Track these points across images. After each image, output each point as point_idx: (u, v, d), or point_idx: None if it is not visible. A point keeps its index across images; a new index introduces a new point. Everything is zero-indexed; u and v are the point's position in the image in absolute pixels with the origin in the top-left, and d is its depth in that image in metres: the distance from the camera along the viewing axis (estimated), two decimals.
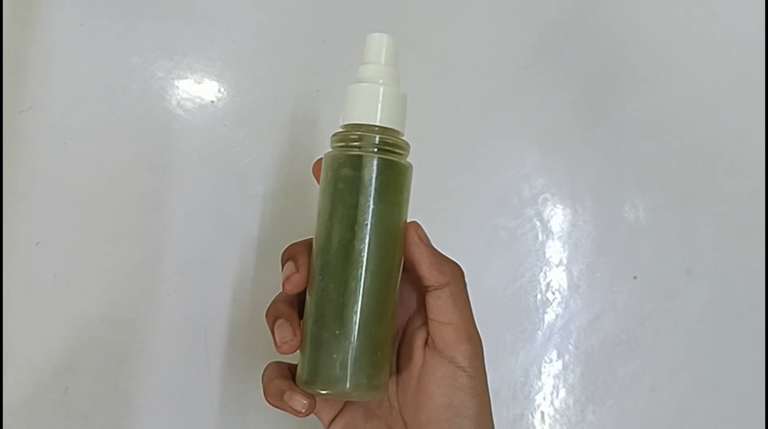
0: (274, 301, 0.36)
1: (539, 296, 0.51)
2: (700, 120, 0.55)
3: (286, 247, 0.37)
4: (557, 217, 0.53)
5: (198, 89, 0.51)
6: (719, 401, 0.51)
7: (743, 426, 0.51)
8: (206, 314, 0.48)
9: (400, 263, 0.35)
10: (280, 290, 0.35)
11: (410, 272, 0.36)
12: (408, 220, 0.36)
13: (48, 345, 0.46)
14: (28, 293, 0.47)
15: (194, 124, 0.50)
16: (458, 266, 0.35)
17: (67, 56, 0.50)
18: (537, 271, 0.51)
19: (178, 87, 0.51)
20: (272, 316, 0.35)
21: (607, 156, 0.54)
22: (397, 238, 0.35)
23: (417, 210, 0.37)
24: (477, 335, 0.34)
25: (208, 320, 0.48)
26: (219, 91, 0.51)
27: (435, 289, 0.34)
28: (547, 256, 0.52)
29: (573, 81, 0.55)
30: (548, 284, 0.51)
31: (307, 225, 0.36)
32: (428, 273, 0.34)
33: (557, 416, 0.49)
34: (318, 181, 0.36)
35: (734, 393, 0.51)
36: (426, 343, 0.35)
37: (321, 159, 0.36)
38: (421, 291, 0.36)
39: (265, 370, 0.36)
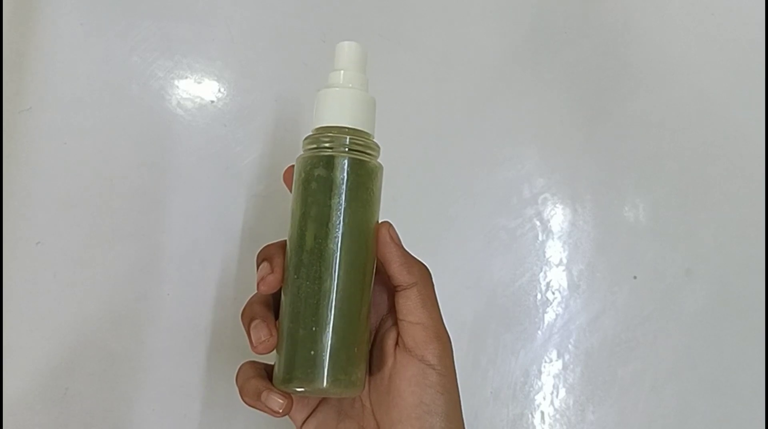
0: (249, 303, 0.37)
1: (539, 296, 0.51)
2: (700, 120, 0.55)
3: (260, 248, 0.37)
4: (557, 217, 0.52)
5: (198, 89, 0.51)
6: (719, 401, 0.51)
7: (743, 426, 0.51)
8: (206, 314, 0.48)
9: (374, 261, 0.36)
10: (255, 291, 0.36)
11: (381, 273, 0.36)
12: (381, 221, 0.36)
13: (48, 345, 0.46)
14: (28, 293, 0.47)
15: (194, 124, 0.50)
16: (426, 268, 0.36)
17: (67, 56, 0.50)
18: (537, 271, 0.51)
19: (178, 87, 0.51)
20: (248, 317, 0.36)
21: (607, 156, 0.54)
22: (370, 236, 0.35)
23: (417, 210, 0.37)
24: (446, 334, 0.35)
25: (208, 320, 0.48)
26: (219, 91, 0.51)
27: (403, 290, 0.35)
28: (547, 256, 0.52)
29: (573, 81, 0.55)
30: (548, 284, 0.51)
31: None
32: (397, 272, 0.35)
33: (557, 416, 0.49)
34: (289, 188, 0.37)
35: (734, 393, 0.51)
36: (396, 343, 0.35)
37: (292, 166, 0.37)
38: (392, 292, 0.36)
39: (239, 370, 0.37)
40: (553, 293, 0.51)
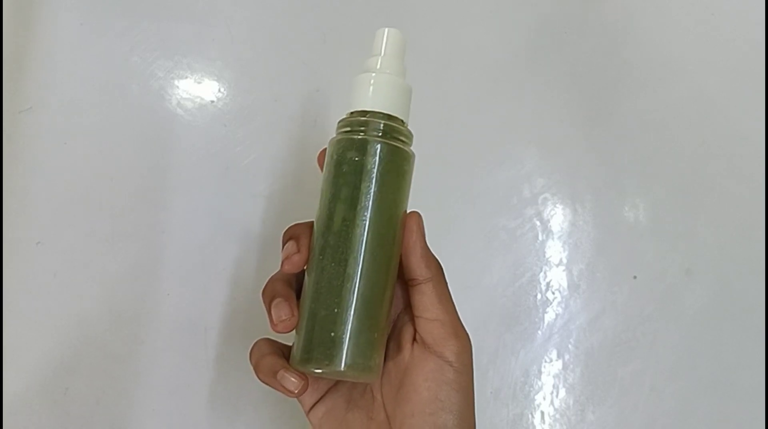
0: (270, 281, 0.36)
1: (539, 296, 0.51)
2: (700, 120, 0.55)
3: (287, 227, 0.37)
4: (557, 217, 0.52)
5: (198, 89, 0.51)
6: (719, 401, 0.51)
7: (743, 426, 0.51)
8: (206, 314, 0.48)
9: (399, 249, 0.35)
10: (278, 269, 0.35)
11: (400, 267, 0.36)
12: (410, 211, 0.36)
13: (48, 345, 0.46)
14: (28, 293, 0.47)
15: (194, 124, 0.50)
16: (441, 265, 0.36)
17: (67, 56, 0.50)
18: (537, 271, 0.51)
19: (178, 87, 0.51)
20: (269, 295, 0.35)
21: (607, 156, 0.54)
22: (397, 223, 0.35)
23: (417, 210, 0.37)
24: (464, 331, 0.35)
25: (208, 320, 0.48)
26: (219, 91, 0.51)
27: (419, 284, 0.35)
28: (547, 256, 0.52)
29: (573, 80, 0.55)
30: (548, 284, 0.51)
31: None
32: (416, 264, 0.34)
33: (557, 416, 0.49)
34: (322, 170, 0.37)
35: (734, 393, 0.51)
36: (414, 339, 0.35)
37: (325, 149, 0.36)
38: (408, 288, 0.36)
39: (254, 346, 0.36)
40: (553, 293, 0.51)
